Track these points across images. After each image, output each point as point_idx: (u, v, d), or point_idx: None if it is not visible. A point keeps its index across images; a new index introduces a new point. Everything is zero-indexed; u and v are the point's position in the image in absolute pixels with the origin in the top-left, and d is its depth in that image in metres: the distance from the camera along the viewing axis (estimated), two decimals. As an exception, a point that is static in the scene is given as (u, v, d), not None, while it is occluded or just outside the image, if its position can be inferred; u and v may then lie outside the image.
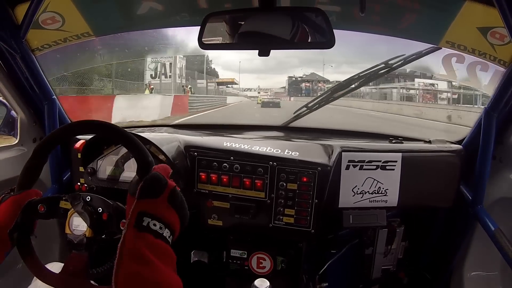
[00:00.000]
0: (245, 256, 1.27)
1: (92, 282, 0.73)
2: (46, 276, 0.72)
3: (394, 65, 1.50)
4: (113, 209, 0.73)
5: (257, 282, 1.04)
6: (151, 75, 9.69)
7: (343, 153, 1.19)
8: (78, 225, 0.72)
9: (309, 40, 0.95)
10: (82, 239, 0.71)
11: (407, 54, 1.46)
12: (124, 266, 0.58)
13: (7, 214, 0.72)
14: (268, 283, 1.04)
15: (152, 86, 9.42)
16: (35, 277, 0.78)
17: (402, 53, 1.47)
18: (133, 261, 0.58)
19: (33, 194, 0.77)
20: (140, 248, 0.59)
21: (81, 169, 1.20)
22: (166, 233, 0.63)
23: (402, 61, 1.48)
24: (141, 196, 0.64)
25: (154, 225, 0.61)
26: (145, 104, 7.85)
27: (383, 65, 1.51)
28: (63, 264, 0.74)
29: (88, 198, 0.73)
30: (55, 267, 0.92)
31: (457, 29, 1.12)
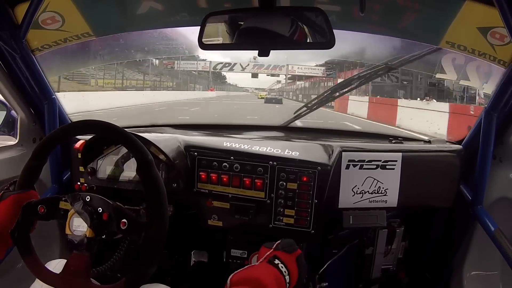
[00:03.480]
0: (245, 255, 1.27)
1: (94, 281, 0.73)
2: (46, 276, 0.72)
3: (393, 65, 1.50)
4: (113, 209, 0.72)
5: None
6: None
7: (343, 153, 1.19)
8: (79, 225, 0.72)
9: (309, 40, 0.95)
10: (83, 239, 0.71)
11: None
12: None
13: (8, 212, 0.73)
14: None
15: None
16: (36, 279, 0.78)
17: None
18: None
19: (33, 196, 0.77)
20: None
21: (81, 168, 1.20)
22: (287, 277, 0.76)
23: (401, 61, 1.48)
24: (278, 249, 0.81)
25: (282, 267, 0.76)
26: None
27: (383, 65, 1.51)
28: (65, 260, 0.73)
29: (88, 198, 0.73)
30: (59, 264, 0.93)
31: (457, 29, 1.12)
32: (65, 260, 0.94)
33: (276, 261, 0.76)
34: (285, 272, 0.75)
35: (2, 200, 0.75)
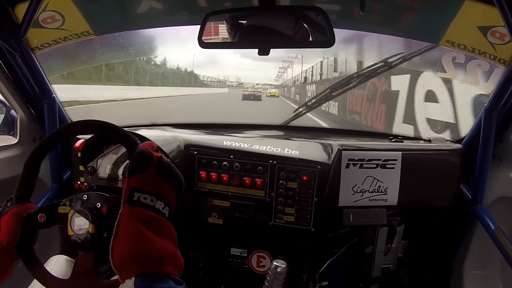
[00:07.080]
0: (245, 254, 1.27)
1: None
2: (57, 284, 0.71)
3: (393, 63, 1.50)
4: (111, 201, 0.73)
5: (275, 262, 1.05)
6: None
7: (343, 152, 1.19)
8: (80, 224, 0.72)
9: (309, 39, 0.95)
10: (86, 236, 0.71)
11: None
12: (118, 241, 0.58)
13: (10, 227, 0.71)
14: (285, 264, 1.05)
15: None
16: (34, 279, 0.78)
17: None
18: (126, 236, 0.58)
19: (30, 208, 0.75)
20: (133, 222, 0.59)
21: (81, 168, 1.20)
22: (159, 204, 0.62)
23: (400, 59, 1.48)
24: (130, 174, 0.64)
25: (145, 198, 0.61)
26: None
27: (382, 63, 1.51)
28: (64, 256, 0.73)
29: (85, 197, 0.74)
30: (58, 260, 0.93)
31: (457, 28, 1.12)
32: (64, 256, 0.94)
33: (136, 196, 0.60)
34: (152, 201, 0.61)
35: (2, 216, 0.72)
